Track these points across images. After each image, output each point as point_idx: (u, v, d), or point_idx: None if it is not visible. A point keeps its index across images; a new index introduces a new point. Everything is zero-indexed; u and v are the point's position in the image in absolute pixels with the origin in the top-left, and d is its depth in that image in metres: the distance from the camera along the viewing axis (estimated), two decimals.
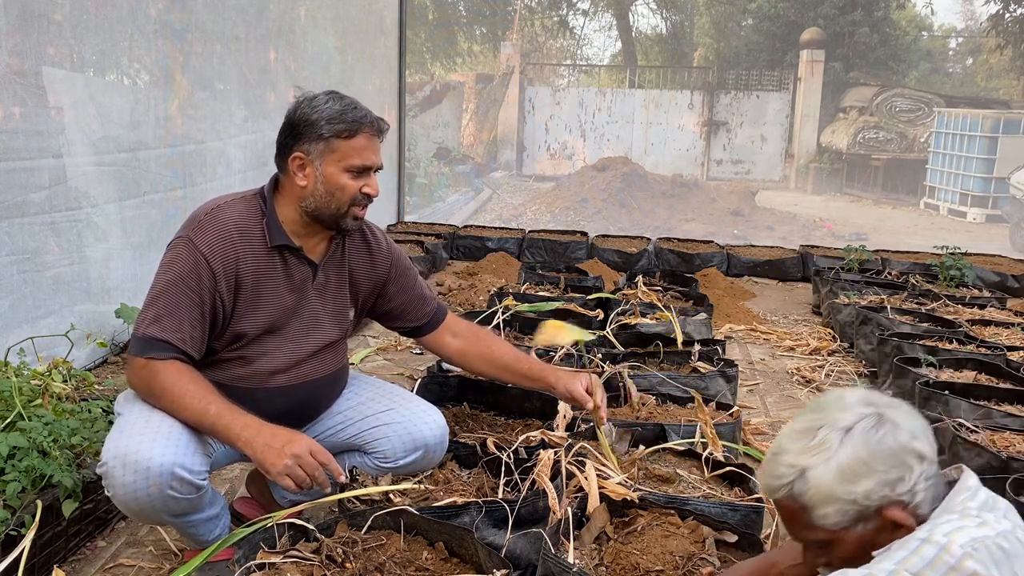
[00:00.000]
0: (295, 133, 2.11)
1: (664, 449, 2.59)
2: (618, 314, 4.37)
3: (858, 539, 1.45)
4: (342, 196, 2.12)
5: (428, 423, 2.32)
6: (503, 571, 1.85)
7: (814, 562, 1.56)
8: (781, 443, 1.52)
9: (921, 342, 4.15)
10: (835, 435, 1.44)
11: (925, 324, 4.71)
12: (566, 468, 2.33)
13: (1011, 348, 4.22)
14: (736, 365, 3.55)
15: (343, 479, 2.03)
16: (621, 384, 3.18)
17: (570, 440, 2.52)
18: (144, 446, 1.95)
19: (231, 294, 2.11)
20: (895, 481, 1.41)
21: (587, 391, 2.40)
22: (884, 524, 1.43)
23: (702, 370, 3.49)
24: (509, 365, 2.49)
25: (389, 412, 2.33)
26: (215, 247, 2.07)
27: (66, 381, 2.86)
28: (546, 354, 3.47)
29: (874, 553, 1.47)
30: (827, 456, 1.43)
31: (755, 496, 2.38)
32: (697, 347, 3.70)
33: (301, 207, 2.15)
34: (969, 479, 1.47)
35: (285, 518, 2.02)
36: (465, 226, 8.24)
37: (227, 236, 2.10)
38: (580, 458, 2.42)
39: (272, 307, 2.17)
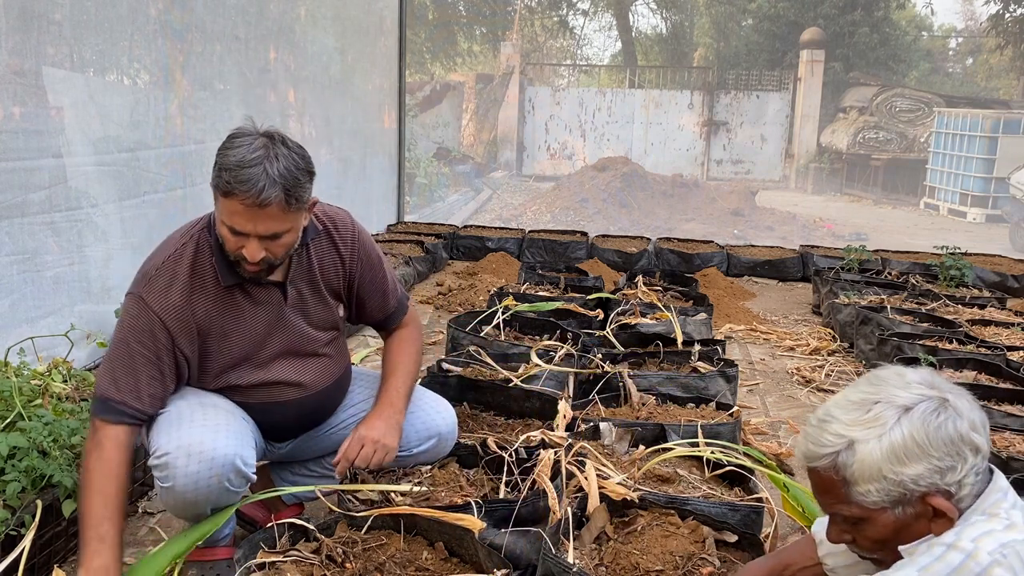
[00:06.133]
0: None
1: (663, 450, 2.59)
2: (618, 314, 4.37)
3: (893, 522, 1.41)
4: (226, 246, 2.01)
5: (440, 412, 2.39)
6: (503, 571, 1.85)
7: (839, 538, 1.51)
8: (830, 411, 1.45)
9: (921, 342, 4.15)
10: (892, 412, 1.39)
11: (925, 324, 4.71)
12: (566, 468, 2.33)
13: (1011, 348, 4.21)
14: (736, 365, 3.55)
15: None
16: (621, 384, 3.18)
17: (570, 440, 2.52)
18: (208, 436, 1.97)
19: (194, 345, 2.07)
20: (946, 470, 1.36)
21: (359, 448, 2.15)
22: (924, 511, 1.39)
23: (702, 370, 3.49)
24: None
25: None
26: (167, 305, 2.02)
27: (66, 381, 2.86)
28: (546, 354, 3.47)
29: (901, 548, 1.43)
30: (880, 432, 1.38)
31: (755, 496, 2.38)
32: (697, 347, 3.70)
33: None
34: (1000, 480, 1.44)
35: (285, 518, 2.03)
36: (465, 226, 8.23)
37: (181, 290, 2.04)
38: (580, 458, 2.42)
39: (245, 341, 2.13)
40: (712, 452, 2.58)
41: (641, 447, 2.65)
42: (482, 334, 3.84)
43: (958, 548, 1.32)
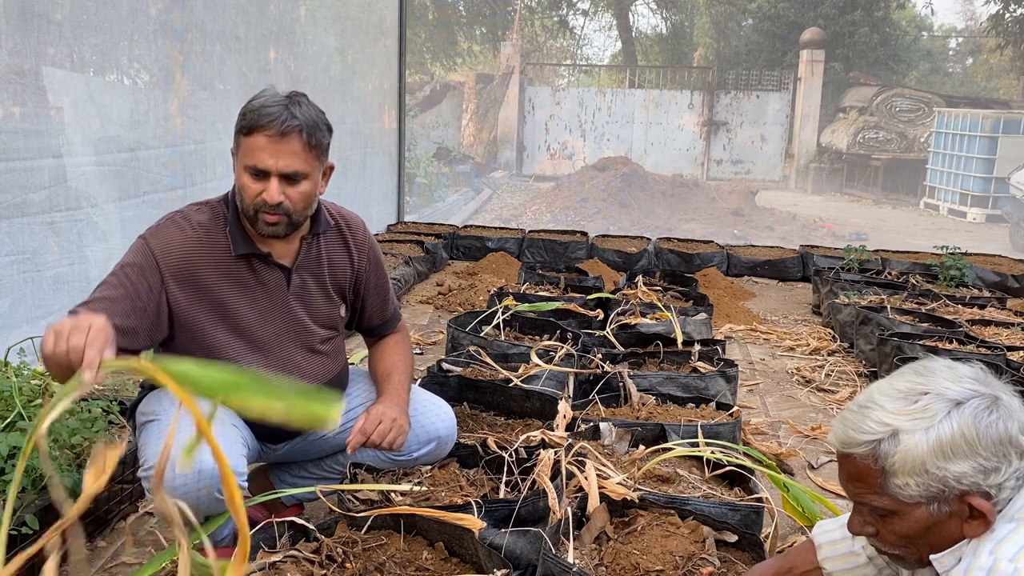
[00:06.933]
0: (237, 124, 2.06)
1: (664, 449, 2.59)
2: (618, 314, 4.37)
3: (926, 518, 1.36)
4: (245, 197, 2.04)
5: (440, 415, 2.38)
6: (503, 571, 1.85)
7: (861, 529, 1.46)
8: (874, 397, 1.40)
9: (921, 342, 4.15)
10: (942, 405, 1.34)
11: (925, 324, 4.71)
12: (566, 468, 2.33)
13: (1011, 348, 4.22)
14: (736, 365, 3.55)
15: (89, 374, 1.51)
16: (621, 384, 3.18)
17: (570, 440, 2.52)
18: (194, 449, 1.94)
19: (185, 294, 2.05)
20: (991, 471, 1.32)
21: (376, 423, 2.14)
22: (959, 510, 1.35)
23: (702, 370, 3.49)
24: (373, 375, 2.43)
25: None
26: (169, 249, 2.04)
27: None
28: (546, 354, 3.47)
29: (932, 558, 1.39)
30: (928, 425, 1.33)
31: (755, 496, 2.38)
32: (697, 347, 3.70)
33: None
34: None
35: (286, 517, 2.03)
36: (465, 226, 8.24)
37: (185, 241, 2.06)
38: (580, 458, 2.42)
39: (240, 315, 2.12)
40: (712, 452, 2.58)
41: (641, 447, 2.65)
42: (482, 334, 3.84)
43: (999, 571, 1.27)
